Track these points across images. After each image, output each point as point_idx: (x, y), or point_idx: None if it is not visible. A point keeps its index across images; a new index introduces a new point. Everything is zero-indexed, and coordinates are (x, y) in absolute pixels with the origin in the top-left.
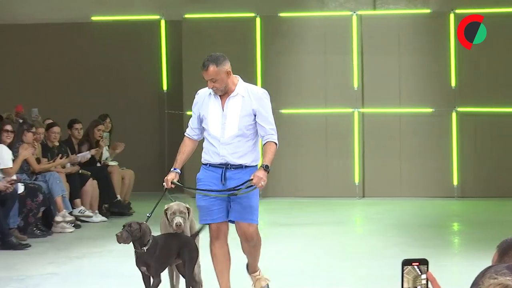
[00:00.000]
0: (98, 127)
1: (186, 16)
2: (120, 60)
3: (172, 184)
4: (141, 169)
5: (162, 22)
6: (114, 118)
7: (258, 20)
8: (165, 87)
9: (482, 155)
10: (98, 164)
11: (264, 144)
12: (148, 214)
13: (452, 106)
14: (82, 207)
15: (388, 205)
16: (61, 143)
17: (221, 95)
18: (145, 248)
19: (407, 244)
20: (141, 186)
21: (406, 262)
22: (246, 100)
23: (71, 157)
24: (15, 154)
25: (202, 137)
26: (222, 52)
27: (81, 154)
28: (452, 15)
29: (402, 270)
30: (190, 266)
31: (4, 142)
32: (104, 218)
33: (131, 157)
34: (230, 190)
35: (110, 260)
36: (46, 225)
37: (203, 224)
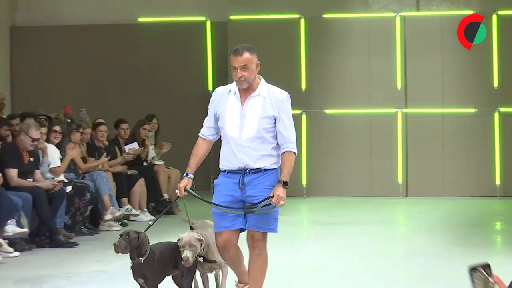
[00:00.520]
0: (143, 127)
1: (231, 17)
2: (166, 61)
3: (185, 191)
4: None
5: (208, 24)
6: (161, 118)
7: (302, 21)
8: (210, 88)
9: None
10: (145, 163)
11: (282, 153)
12: (150, 223)
13: (494, 106)
14: (129, 206)
15: (431, 204)
16: (110, 142)
17: (241, 94)
18: (142, 259)
19: (450, 243)
20: None
21: (472, 268)
22: (267, 101)
23: (124, 155)
24: (63, 153)
25: (217, 137)
26: (267, 53)
27: (128, 145)
28: (494, 16)
29: (472, 277)
30: (189, 277)
31: (52, 142)
32: (152, 217)
33: (177, 156)
34: (247, 208)
35: None
36: (93, 223)
37: (216, 231)
